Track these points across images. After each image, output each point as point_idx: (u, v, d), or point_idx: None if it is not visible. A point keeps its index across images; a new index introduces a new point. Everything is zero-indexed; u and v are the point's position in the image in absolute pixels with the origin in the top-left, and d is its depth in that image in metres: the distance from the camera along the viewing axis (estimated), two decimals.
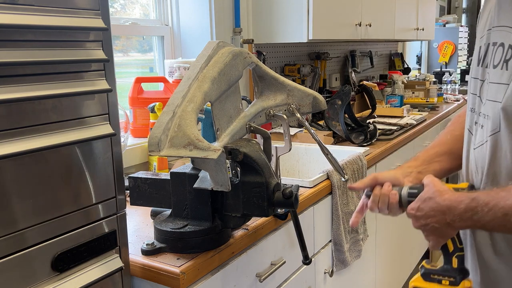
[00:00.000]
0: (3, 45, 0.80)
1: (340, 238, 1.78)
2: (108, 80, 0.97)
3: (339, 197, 1.76)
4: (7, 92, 0.80)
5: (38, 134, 0.86)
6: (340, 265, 1.82)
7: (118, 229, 1.03)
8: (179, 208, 1.21)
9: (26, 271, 0.87)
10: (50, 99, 0.87)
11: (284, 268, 1.47)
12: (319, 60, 3.06)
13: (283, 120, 1.36)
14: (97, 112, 0.96)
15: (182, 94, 1.08)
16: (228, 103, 1.22)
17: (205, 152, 0.98)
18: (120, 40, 2.23)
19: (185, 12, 2.34)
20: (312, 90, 1.45)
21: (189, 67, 1.17)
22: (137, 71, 2.35)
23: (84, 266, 0.96)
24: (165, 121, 1.02)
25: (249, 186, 1.13)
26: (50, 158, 0.88)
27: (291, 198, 1.12)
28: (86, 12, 0.92)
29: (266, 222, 1.36)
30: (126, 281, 1.06)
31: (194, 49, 2.36)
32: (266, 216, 1.14)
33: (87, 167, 0.95)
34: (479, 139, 0.98)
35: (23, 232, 0.86)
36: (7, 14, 0.79)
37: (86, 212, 0.96)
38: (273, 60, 2.74)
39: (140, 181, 1.28)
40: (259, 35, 2.49)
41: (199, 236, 1.15)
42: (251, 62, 1.29)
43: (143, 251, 1.16)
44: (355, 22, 2.67)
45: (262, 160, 1.14)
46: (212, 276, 1.17)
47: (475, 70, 1.03)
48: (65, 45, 0.89)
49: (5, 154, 0.80)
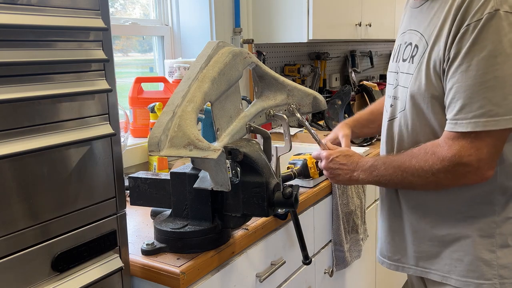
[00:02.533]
0: (3, 45, 0.80)
1: (340, 238, 1.78)
2: (108, 80, 0.97)
3: (339, 197, 1.77)
4: (7, 92, 0.80)
5: (38, 134, 0.86)
6: (340, 265, 1.82)
7: (118, 229, 1.03)
8: (179, 208, 1.21)
9: (26, 271, 0.87)
10: (50, 99, 0.87)
11: (284, 268, 1.47)
12: (319, 60, 3.06)
13: (283, 120, 1.36)
14: (97, 112, 0.96)
15: (182, 94, 1.08)
16: (228, 103, 1.22)
17: (205, 152, 0.98)
18: (120, 40, 2.23)
19: (185, 12, 2.34)
20: (312, 90, 1.45)
21: (189, 67, 1.17)
22: (137, 71, 2.35)
23: (84, 266, 0.96)
24: (165, 121, 1.02)
25: (249, 186, 1.13)
26: (50, 158, 0.88)
27: (291, 198, 1.12)
28: (86, 12, 0.92)
29: (266, 222, 1.36)
30: (126, 281, 1.06)
31: (194, 49, 2.36)
32: (266, 216, 1.14)
33: (87, 167, 0.95)
34: (391, 115, 1.28)
35: (23, 232, 0.86)
36: (7, 14, 0.79)
37: (86, 212, 0.96)
38: (273, 60, 2.74)
39: (140, 181, 1.28)
40: (259, 35, 2.49)
41: (199, 236, 1.15)
42: (251, 62, 1.29)
43: (143, 251, 1.16)
44: (355, 22, 2.67)
45: (262, 160, 1.14)
46: (212, 276, 1.17)
47: (391, 65, 1.33)
48: (65, 45, 0.89)
49: (5, 154, 0.80)
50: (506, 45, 0.99)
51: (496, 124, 1.01)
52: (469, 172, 1.06)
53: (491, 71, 1.00)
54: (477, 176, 1.06)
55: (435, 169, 1.08)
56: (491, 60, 1.00)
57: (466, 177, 1.07)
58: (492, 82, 1.00)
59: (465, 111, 1.03)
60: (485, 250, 1.15)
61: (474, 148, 1.04)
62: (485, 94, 1.00)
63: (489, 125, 1.01)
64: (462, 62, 1.03)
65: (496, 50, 0.99)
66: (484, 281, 1.15)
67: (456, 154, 1.05)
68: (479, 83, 1.01)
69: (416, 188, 1.19)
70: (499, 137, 1.05)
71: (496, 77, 0.99)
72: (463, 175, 1.07)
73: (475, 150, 1.04)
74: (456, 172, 1.07)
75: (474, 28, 1.01)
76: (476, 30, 1.01)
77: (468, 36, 1.02)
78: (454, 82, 1.05)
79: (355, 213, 1.86)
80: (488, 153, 1.04)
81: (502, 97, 1.00)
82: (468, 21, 1.02)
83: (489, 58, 1.00)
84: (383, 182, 1.20)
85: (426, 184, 1.13)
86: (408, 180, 1.14)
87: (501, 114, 1.00)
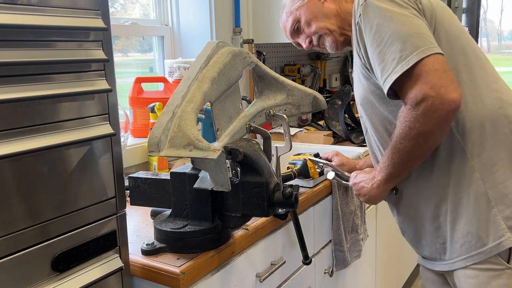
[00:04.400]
0: (3, 45, 0.80)
1: (340, 238, 1.78)
2: (108, 80, 0.97)
3: (339, 197, 1.77)
4: (7, 92, 0.80)
5: (38, 134, 0.86)
6: (340, 265, 1.81)
7: (118, 229, 1.03)
8: (179, 208, 1.21)
9: (26, 271, 0.87)
10: (50, 99, 0.87)
11: (284, 268, 1.47)
12: (319, 60, 3.06)
13: (283, 120, 1.36)
14: (97, 112, 0.96)
15: (182, 94, 1.08)
16: (228, 103, 1.22)
17: (205, 152, 0.98)
18: (120, 40, 2.23)
19: (185, 12, 2.34)
20: (312, 90, 1.45)
21: (189, 67, 1.17)
22: (137, 71, 2.35)
23: (84, 266, 0.96)
24: (164, 121, 1.02)
25: (249, 186, 1.13)
26: (50, 158, 0.88)
27: (291, 198, 1.12)
28: (86, 12, 0.92)
29: (266, 222, 1.36)
30: (126, 281, 1.06)
31: (194, 49, 2.36)
32: (266, 216, 1.14)
33: (87, 167, 0.95)
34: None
35: (23, 232, 0.86)
36: (7, 14, 0.79)
37: (86, 212, 0.96)
38: (273, 60, 2.74)
39: (140, 181, 1.28)
40: (259, 35, 2.49)
41: (199, 236, 1.15)
42: (250, 62, 1.29)
43: (143, 251, 1.16)
44: None
45: (262, 160, 1.14)
46: (212, 276, 1.17)
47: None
48: (65, 45, 0.89)
49: (5, 154, 0.80)
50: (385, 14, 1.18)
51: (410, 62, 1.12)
52: (432, 103, 1.09)
53: (385, 33, 1.16)
54: (442, 102, 1.09)
55: (408, 121, 1.14)
56: (380, 28, 1.17)
57: (434, 110, 1.10)
58: (390, 39, 1.16)
59: (385, 70, 1.16)
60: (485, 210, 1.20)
61: (419, 83, 1.11)
62: (390, 49, 1.15)
63: (405, 65, 1.12)
64: (368, 44, 1.21)
65: (379, 19, 1.18)
66: (498, 240, 1.19)
67: (411, 97, 1.12)
68: (383, 46, 1.17)
69: (415, 154, 1.20)
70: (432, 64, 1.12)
71: (390, 34, 1.16)
72: (430, 109, 1.10)
73: (421, 83, 1.11)
74: (424, 111, 1.11)
75: (360, 21, 1.22)
76: (362, 21, 1.21)
77: (361, 28, 1.22)
78: (373, 62, 1.21)
79: (355, 213, 1.86)
80: (434, 78, 1.10)
81: (402, 43, 1.14)
82: (356, 20, 1.23)
83: (378, 27, 1.18)
84: (394, 170, 1.25)
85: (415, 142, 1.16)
86: (402, 150, 1.19)
87: (409, 53, 1.13)
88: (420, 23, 1.17)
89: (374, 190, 1.34)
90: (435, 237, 1.30)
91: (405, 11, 1.18)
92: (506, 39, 6.37)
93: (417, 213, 1.33)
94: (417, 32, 1.15)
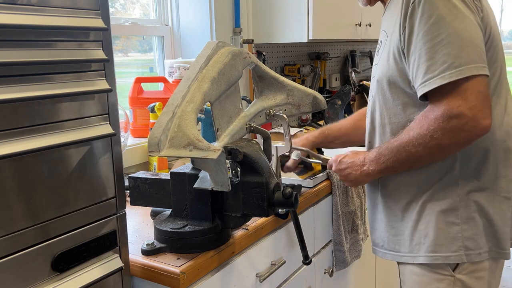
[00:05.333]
0: (3, 45, 0.80)
1: (340, 238, 1.78)
2: (108, 80, 0.97)
3: (339, 197, 1.77)
4: (7, 92, 0.80)
5: (38, 134, 0.86)
6: (340, 265, 1.82)
7: (118, 229, 1.03)
8: (179, 208, 1.21)
9: (26, 271, 0.87)
10: (50, 99, 0.87)
11: (284, 268, 1.47)
12: (319, 60, 3.06)
13: (283, 120, 1.36)
14: (97, 112, 0.96)
15: (182, 94, 1.08)
16: (228, 103, 1.22)
17: (205, 152, 0.98)
18: (120, 40, 2.23)
19: (185, 12, 2.34)
20: (312, 90, 1.45)
21: (189, 67, 1.17)
22: (137, 71, 2.35)
23: (84, 266, 0.96)
24: (164, 121, 1.02)
25: (249, 186, 1.13)
26: (50, 158, 0.88)
27: (291, 198, 1.12)
28: (86, 12, 0.92)
29: (266, 222, 1.36)
30: (126, 281, 1.06)
31: (194, 49, 2.36)
32: (266, 216, 1.14)
33: (87, 167, 0.95)
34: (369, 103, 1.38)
35: (23, 232, 0.86)
36: (7, 14, 0.79)
37: (86, 212, 0.96)
38: (273, 60, 2.74)
39: (140, 181, 1.28)
40: (259, 35, 2.48)
41: (199, 236, 1.15)
42: (250, 62, 1.29)
43: (143, 251, 1.16)
44: (355, 22, 2.67)
45: (262, 160, 1.14)
46: (212, 276, 1.17)
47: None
48: (65, 45, 0.89)
49: (5, 154, 0.80)
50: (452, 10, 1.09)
51: (461, 73, 1.06)
52: (465, 123, 1.07)
53: (444, 30, 1.08)
54: (474, 126, 1.07)
55: (432, 130, 1.10)
56: (441, 22, 1.08)
57: (464, 130, 1.08)
58: (447, 39, 1.07)
59: (431, 70, 1.09)
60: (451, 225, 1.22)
61: (460, 98, 1.06)
62: (444, 50, 1.07)
63: (454, 75, 1.06)
64: (418, 32, 1.11)
65: (443, 12, 1.08)
66: (451, 253, 1.22)
67: (445, 108, 1.07)
68: (437, 43, 1.08)
69: (424, 160, 1.19)
70: (479, 84, 1.07)
71: (450, 34, 1.07)
72: (460, 128, 1.08)
73: (462, 100, 1.06)
74: (453, 127, 1.08)
75: (419, 3, 1.11)
76: (422, 4, 1.10)
77: (416, 10, 1.11)
78: (414, 53, 1.12)
79: (355, 213, 1.86)
80: (476, 99, 1.06)
81: (459, 49, 1.07)
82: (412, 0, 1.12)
83: (439, 20, 1.08)
84: (393, 166, 1.22)
85: (430, 151, 1.14)
86: (412, 153, 1.16)
87: (463, 63, 1.06)
88: (480, 36, 1.11)
89: (363, 177, 1.31)
90: (390, 227, 1.33)
91: (471, 16, 1.11)
92: (506, 39, 6.37)
93: (388, 200, 1.33)
94: (476, 44, 1.09)
